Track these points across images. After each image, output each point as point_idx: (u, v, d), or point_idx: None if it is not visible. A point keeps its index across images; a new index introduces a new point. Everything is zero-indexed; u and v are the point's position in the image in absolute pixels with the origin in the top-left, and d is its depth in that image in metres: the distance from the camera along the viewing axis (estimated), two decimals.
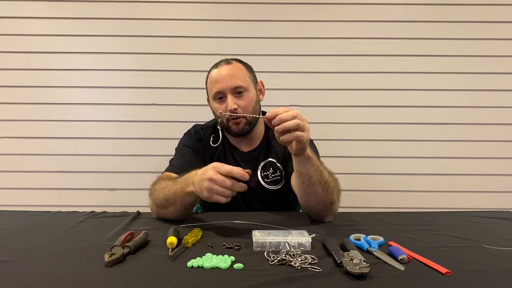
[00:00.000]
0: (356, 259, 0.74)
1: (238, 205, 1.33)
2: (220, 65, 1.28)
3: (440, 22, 2.15)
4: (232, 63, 1.28)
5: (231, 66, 1.27)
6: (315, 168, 1.02)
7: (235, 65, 1.28)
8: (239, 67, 1.29)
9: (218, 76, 1.25)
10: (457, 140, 2.20)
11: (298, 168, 1.03)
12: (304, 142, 0.96)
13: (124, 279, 0.72)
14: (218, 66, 1.27)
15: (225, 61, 1.29)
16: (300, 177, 1.05)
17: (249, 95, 1.26)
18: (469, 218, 1.14)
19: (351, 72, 2.17)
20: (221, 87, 1.24)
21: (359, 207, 2.20)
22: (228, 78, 1.24)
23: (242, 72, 1.28)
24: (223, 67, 1.26)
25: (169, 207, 1.07)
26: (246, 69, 1.30)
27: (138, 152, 2.16)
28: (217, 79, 1.25)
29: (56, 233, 0.99)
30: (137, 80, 2.16)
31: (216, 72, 1.27)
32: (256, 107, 1.29)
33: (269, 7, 2.13)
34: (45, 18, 2.12)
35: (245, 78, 1.27)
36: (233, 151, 1.35)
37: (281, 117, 0.92)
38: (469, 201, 2.22)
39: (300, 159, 1.01)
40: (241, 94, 1.25)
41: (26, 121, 2.16)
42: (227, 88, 1.23)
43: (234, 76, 1.24)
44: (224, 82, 1.23)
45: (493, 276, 0.74)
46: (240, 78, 1.25)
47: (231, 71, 1.25)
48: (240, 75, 1.26)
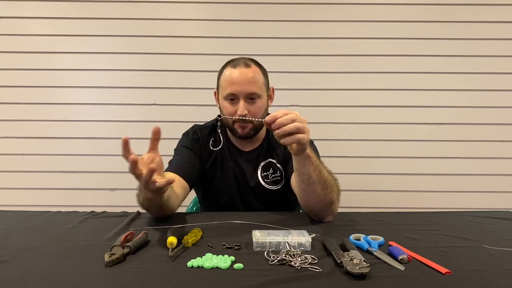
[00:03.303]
0: (356, 259, 0.74)
1: (237, 205, 1.33)
2: (239, 66, 1.22)
3: (440, 22, 2.15)
4: (251, 66, 1.23)
5: (250, 70, 1.22)
6: (315, 167, 1.02)
7: (253, 69, 1.23)
8: (257, 72, 1.24)
9: (235, 78, 1.21)
10: (457, 140, 2.20)
11: (298, 167, 1.03)
12: (304, 144, 0.96)
13: (124, 279, 0.72)
14: (237, 67, 1.22)
15: (243, 62, 1.24)
16: (300, 176, 1.05)
17: (261, 101, 1.25)
18: (469, 218, 1.13)
19: (351, 72, 2.17)
20: (236, 90, 1.21)
21: (359, 207, 2.20)
22: (245, 83, 1.20)
23: (259, 78, 1.24)
24: (241, 69, 1.21)
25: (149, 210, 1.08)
26: (262, 75, 1.27)
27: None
28: (233, 80, 1.21)
29: (56, 233, 0.99)
30: (137, 80, 2.16)
31: (233, 72, 1.22)
32: (264, 114, 1.27)
33: (269, 7, 2.13)
34: (45, 18, 2.12)
35: (260, 84, 1.24)
36: (233, 150, 1.35)
37: (280, 122, 0.92)
38: (469, 201, 2.22)
39: (299, 158, 1.01)
40: (254, 100, 1.23)
41: (26, 121, 2.16)
42: (242, 92, 1.20)
43: (251, 82, 1.21)
44: (240, 85, 1.20)
45: (493, 276, 0.74)
46: (256, 85, 1.22)
47: (248, 75, 1.21)
48: (257, 81, 1.23)
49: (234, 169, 1.33)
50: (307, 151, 1.00)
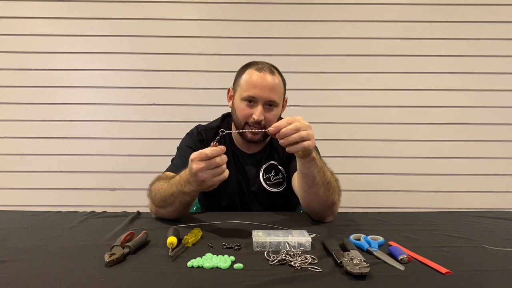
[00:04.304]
0: (356, 259, 0.74)
1: (239, 206, 1.33)
2: (264, 70, 1.23)
3: (440, 22, 2.15)
4: (275, 73, 1.25)
5: (274, 77, 1.23)
6: (319, 169, 1.02)
7: (277, 77, 1.25)
8: (280, 81, 1.26)
9: (258, 82, 1.21)
10: (457, 140, 2.20)
11: (302, 169, 1.03)
12: (309, 150, 0.96)
13: (124, 279, 0.72)
14: (261, 71, 1.23)
15: (268, 68, 1.25)
16: (304, 178, 1.05)
17: (277, 110, 1.26)
18: (469, 218, 1.14)
19: (351, 72, 2.17)
20: (258, 95, 1.21)
21: (359, 207, 2.20)
22: (268, 89, 1.21)
23: (281, 87, 1.26)
24: (266, 75, 1.22)
25: (167, 207, 1.08)
26: (283, 85, 1.29)
27: (138, 152, 2.16)
28: (256, 84, 1.21)
29: (56, 233, 0.99)
30: (137, 80, 2.16)
31: (258, 76, 1.22)
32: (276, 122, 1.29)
33: (270, 7, 2.13)
34: (45, 18, 2.12)
35: (281, 94, 1.26)
36: (236, 152, 1.35)
37: (284, 132, 0.92)
38: (469, 201, 2.22)
39: (304, 161, 1.01)
40: (271, 108, 1.24)
41: (26, 121, 2.16)
42: (262, 98, 1.21)
43: (274, 90, 1.22)
44: (263, 91, 1.21)
45: (493, 276, 0.74)
46: (277, 93, 1.23)
47: (273, 83, 1.22)
48: (278, 90, 1.24)
49: (236, 171, 1.32)
50: (313, 154, 0.99)
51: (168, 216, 1.11)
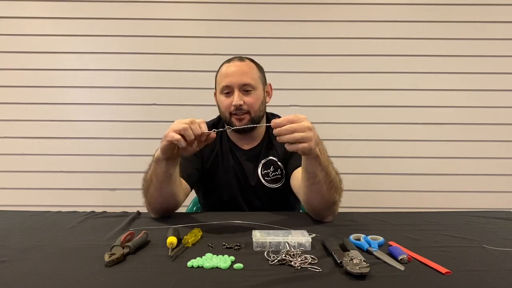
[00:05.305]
0: (356, 259, 0.74)
1: (238, 203, 1.33)
2: (233, 60, 1.29)
3: (440, 22, 2.15)
4: (244, 60, 1.30)
5: (243, 63, 1.28)
6: (322, 167, 1.01)
7: (247, 63, 1.29)
8: (251, 65, 1.30)
9: (229, 71, 1.26)
10: (457, 140, 2.20)
11: (305, 165, 1.03)
12: (305, 152, 0.95)
13: (124, 279, 0.72)
14: (231, 61, 1.29)
15: (238, 57, 1.31)
16: (306, 174, 1.04)
17: (256, 93, 1.27)
18: (469, 218, 1.13)
19: (351, 72, 2.17)
20: (230, 82, 1.25)
21: (359, 207, 2.20)
22: (238, 74, 1.25)
23: (253, 70, 1.29)
24: (235, 63, 1.28)
25: (149, 189, 1.09)
26: (257, 68, 1.31)
27: (138, 152, 2.16)
28: (227, 73, 1.26)
29: (56, 233, 0.99)
30: (137, 80, 2.16)
31: (227, 66, 1.28)
32: (261, 107, 1.30)
33: (270, 7, 2.13)
34: (45, 18, 2.12)
35: (255, 77, 1.28)
36: (233, 148, 1.35)
37: (278, 131, 0.92)
38: (469, 201, 2.22)
39: (306, 158, 1.01)
40: (249, 92, 1.26)
41: (26, 121, 2.16)
42: (235, 83, 1.24)
43: (245, 73, 1.26)
44: (233, 77, 1.25)
45: (493, 276, 0.74)
46: (249, 76, 1.26)
47: (242, 68, 1.26)
48: (250, 73, 1.27)
49: (234, 167, 1.33)
50: (316, 151, 0.98)
51: (154, 202, 1.10)
